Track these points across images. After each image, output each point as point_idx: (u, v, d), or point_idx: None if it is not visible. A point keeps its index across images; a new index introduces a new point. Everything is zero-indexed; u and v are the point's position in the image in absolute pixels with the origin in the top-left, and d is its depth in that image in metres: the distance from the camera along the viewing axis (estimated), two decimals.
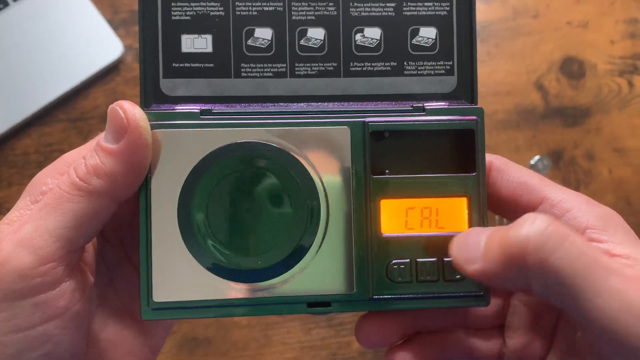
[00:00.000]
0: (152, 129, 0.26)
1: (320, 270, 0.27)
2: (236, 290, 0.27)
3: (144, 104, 0.28)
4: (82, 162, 0.25)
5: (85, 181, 0.25)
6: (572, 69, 0.65)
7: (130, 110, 0.25)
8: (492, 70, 0.65)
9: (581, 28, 0.66)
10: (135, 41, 0.65)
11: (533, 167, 0.58)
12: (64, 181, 0.25)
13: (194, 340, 0.57)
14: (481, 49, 0.65)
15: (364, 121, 0.27)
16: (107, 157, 0.25)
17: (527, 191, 0.28)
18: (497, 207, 0.30)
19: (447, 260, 0.27)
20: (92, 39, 0.64)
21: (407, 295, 0.27)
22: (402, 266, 0.27)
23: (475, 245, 0.25)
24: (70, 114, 0.64)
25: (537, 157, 0.58)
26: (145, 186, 0.27)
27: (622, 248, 0.24)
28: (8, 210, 0.60)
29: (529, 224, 0.23)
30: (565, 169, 0.63)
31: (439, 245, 0.28)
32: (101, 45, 0.64)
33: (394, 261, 0.27)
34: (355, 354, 0.57)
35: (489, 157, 0.29)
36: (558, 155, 0.63)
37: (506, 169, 0.29)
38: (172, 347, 0.56)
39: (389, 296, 0.27)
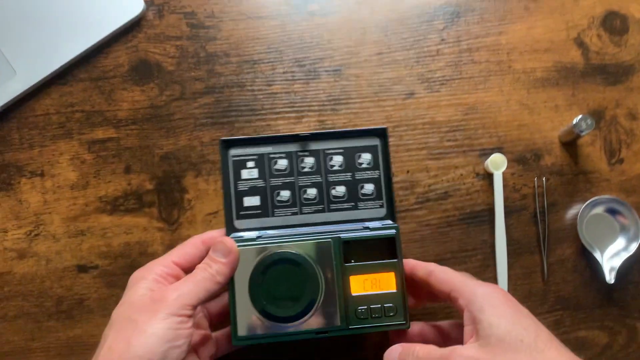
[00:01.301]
0: None
1: (322, 314, 0.49)
2: (280, 328, 0.48)
3: (228, 234, 0.52)
4: (213, 265, 0.47)
5: (216, 276, 0.46)
6: (615, 24, 0.62)
7: (231, 243, 0.48)
8: (529, 27, 0.62)
9: None
10: None
11: (575, 127, 0.55)
12: (210, 274, 0.47)
13: None
14: (519, 4, 0.62)
15: (339, 236, 0.50)
16: (223, 266, 0.47)
17: (444, 284, 0.48)
18: (430, 295, 0.51)
19: (386, 306, 0.49)
20: None
21: (366, 325, 0.49)
22: (363, 309, 0.49)
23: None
24: (92, 73, 0.61)
25: (579, 117, 0.55)
26: (231, 277, 0.48)
27: (481, 320, 0.43)
28: (30, 172, 0.59)
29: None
30: (606, 129, 0.60)
31: (381, 298, 0.49)
32: (122, 1, 0.61)
33: (359, 308, 0.49)
34: None
35: (432, 267, 0.49)
36: (599, 114, 0.61)
37: (438, 274, 0.49)
38: None
39: (358, 325, 0.49)
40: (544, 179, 0.59)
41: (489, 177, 0.59)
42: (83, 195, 0.58)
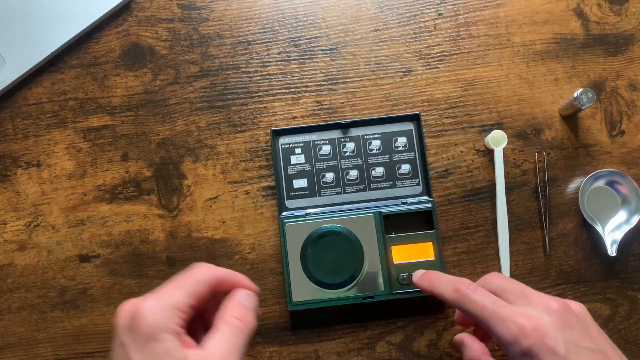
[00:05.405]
0: (286, 224, 0.55)
1: (367, 281, 0.54)
2: (330, 294, 0.54)
3: (280, 213, 0.57)
4: (250, 324, 0.41)
5: (249, 333, 0.41)
6: None
7: (255, 299, 0.43)
8: None
9: None
10: None
11: (576, 100, 0.55)
12: (249, 330, 0.41)
13: None
14: None
15: (380, 211, 0.56)
16: (254, 325, 0.41)
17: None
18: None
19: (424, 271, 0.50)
20: None
21: (407, 290, 0.54)
22: (404, 276, 0.54)
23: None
24: (83, 59, 0.60)
25: (580, 90, 0.55)
26: (285, 250, 0.55)
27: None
28: (26, 164, 0.58)
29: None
30: (606, 101, 0.60)
31: (420, 265, 0.54)
32: None
33: (400, 274, 0.55)
34: None
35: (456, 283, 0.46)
36: (599, 86, 0.60)
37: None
38: None
39: (400, 291, 0.54)
40: (544, 153, 0.58)
41: (489, 153, 0.58)
42: (81, 185, 0.58)
